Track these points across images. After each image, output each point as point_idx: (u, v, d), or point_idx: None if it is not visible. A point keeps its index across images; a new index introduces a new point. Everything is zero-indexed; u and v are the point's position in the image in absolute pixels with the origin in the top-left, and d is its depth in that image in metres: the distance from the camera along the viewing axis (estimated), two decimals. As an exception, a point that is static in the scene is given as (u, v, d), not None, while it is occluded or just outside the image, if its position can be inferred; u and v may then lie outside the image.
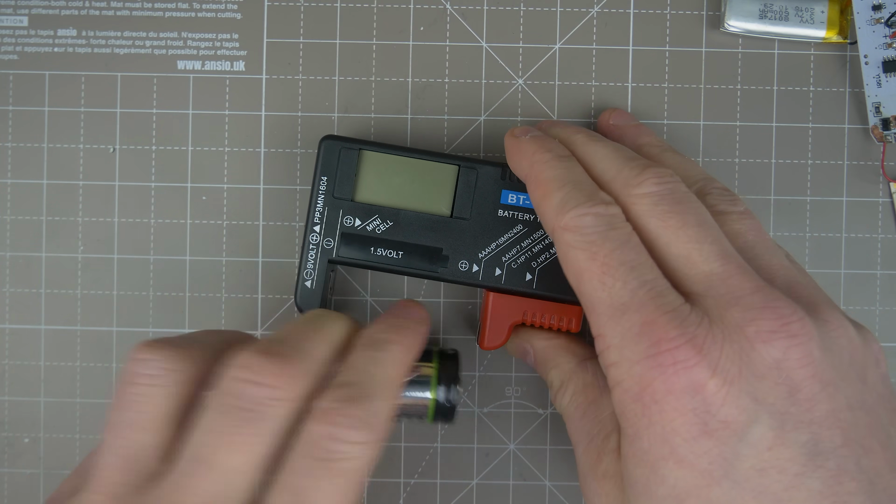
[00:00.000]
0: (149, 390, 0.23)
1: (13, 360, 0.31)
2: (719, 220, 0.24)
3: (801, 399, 0.21)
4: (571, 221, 0.23)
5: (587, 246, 0.23)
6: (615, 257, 0.22)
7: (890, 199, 0.31)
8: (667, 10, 0.31)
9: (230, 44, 0.31)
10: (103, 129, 0.31)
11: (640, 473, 0.22)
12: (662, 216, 0.23)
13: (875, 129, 0.30)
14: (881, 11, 0.30)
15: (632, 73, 0.31)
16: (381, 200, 0.28)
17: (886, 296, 0.31)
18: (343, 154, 0.28)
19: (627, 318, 0.22)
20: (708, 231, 0.23)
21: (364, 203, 0.28)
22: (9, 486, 0.31)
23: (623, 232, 0.23)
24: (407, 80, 0.31)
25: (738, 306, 0.21)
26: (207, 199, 0.31)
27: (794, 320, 0.21)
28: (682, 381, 0.21)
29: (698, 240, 0.22)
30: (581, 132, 0.27)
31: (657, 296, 0.22)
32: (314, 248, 0.28)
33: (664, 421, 0.21)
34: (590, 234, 0.23)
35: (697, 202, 0.23)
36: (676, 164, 0.27)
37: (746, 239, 0.24)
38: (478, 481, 0.31)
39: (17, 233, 0.31)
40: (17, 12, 0.31)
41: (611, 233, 0.23)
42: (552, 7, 0.31)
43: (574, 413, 0.26)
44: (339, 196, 0.28)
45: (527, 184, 0.26)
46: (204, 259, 0.31)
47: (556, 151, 0.26)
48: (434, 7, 0.31)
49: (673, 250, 0.23)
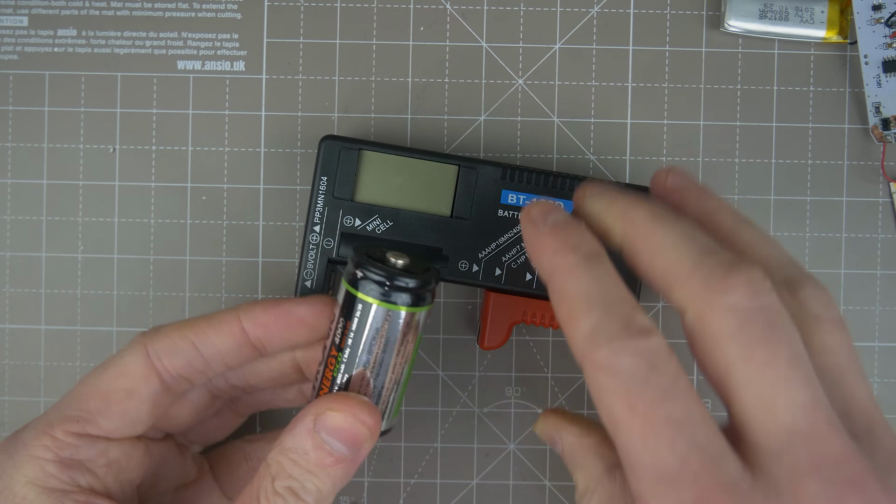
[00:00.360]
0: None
1: (13, 360, 0.31)
2: (808, 328, 0.20)
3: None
4: (604, 360, 0.19)
5: (624, 394, 0.19)
6: (660, 411, 0.18)
7: (890, 199, 0.31)
8: (667, 10, 0.31)
9: (230, 44, 0.31)
10: (103, 129, 0.31)
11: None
12: (748, 344, 0.19)
13: (875, 129, 0.30)
14: (881, 11, 0.30)
15: (632, 73, 0.31)
16: (381, 200, 0.28)
17: (886, 296, 0.31)
18: (343, 154, 0.28)
19: (676, 491, 0.18)
20: (800, 370, 0.19)
21: (364, 203, 0.28)
22: (9, 486, 0.31)
23: (668, 375, 0.19)
24: (407, 80, 0.31)
25: (818, 478, 0.18)
26: (207, 199, 0.31)
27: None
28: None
29: (787, 382, 0.19)
30: (642, 206, 0.22)
31: (713, 465, 0.18)
32: (314, 248, 0.28)
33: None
34: (627, 378, 0.19)
35: (792, 327, 0.19)
36: (757, 245, 0.22)
37: (836, 360, 0.20)
38: (478, 481, 0.31)
39: (17, 233, 0.31)
40: (17, 12, 0.31)
41: (654, 377, 0.19)
42: (552, 7, 0.31)
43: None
44: (339, 196, 0.28)
45: (548, 288, 0.21)
46: (204, 259, 0.31)
47: (584, 250, 0.21)
48: (434, 7, 0.31)
49: (751, 391, 0.19)
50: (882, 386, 0.31)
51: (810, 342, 0.20)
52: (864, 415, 0.20)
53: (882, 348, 0.31)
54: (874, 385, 0.31)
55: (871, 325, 0.31)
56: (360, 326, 0.24)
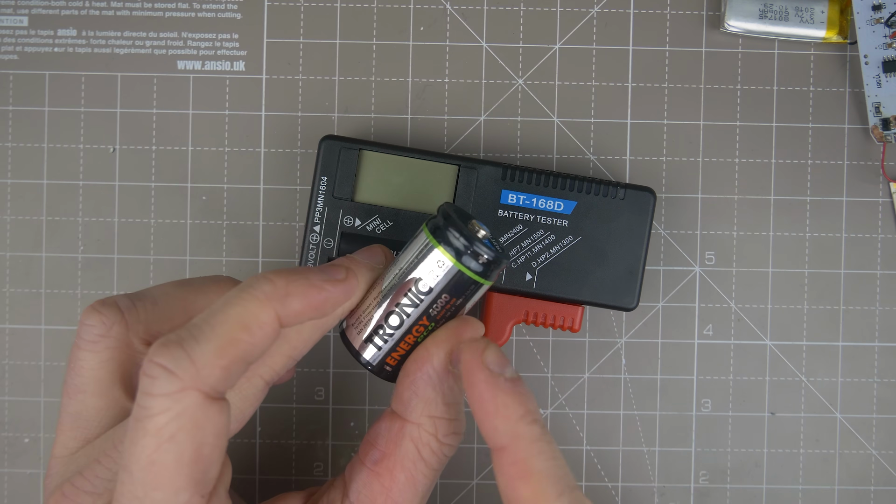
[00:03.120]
0: (86, 355, 0.23)
1: (13, 360, 0.31)
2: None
3: None
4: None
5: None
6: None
7: (890, 199, 0.31)
8: (667, 10, 0.31)
9: (230, 44, 0.31)
10: (103, 129, 0.31)
11: None
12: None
13: (875, 129, 0.30)
14: (881, 11, 0.30)
15: (632, 73, 0.31)
16: (381, 200, 0.28)
17: (886, 296, 0.31)
18: (343, 154, 0.28)
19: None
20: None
21: (364, 203, 0.28)
22: (9, 486, 0.31)
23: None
24: (407, 80, 0.31)
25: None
26: (207, 199, 0.31)
27: None
28: None
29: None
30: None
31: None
32: (314, 248, 0.28)
33: None
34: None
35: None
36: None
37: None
38: (478, 481, 0.31)
39: (17, 233, 0.31)
40: (17, 12, 0.31)
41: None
42: (552, 7, 0.31)
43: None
44: (339, 196, 0.28)
45: (501, 456, 0.21)
46: (204, 259, 0.31)
47: (540, 419, 0.22)
48: (434, 7, 0.31)
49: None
50: (882, 386, 0.31)
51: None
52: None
53: (882, 348, 0.31)
54: (874, 385, 0.31)
55: (871, 325, 0.31)
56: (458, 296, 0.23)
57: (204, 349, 0.19)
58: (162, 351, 0.19)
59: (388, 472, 0.23)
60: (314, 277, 0.22)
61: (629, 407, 0.31)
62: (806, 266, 0.31)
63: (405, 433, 0.23)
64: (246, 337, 0.20)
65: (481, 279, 0.23)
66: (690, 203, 0.31)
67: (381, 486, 0.23)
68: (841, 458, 0.31)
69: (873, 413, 0.31)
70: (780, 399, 0.31)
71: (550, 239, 0.28)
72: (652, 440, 0.31)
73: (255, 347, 0.20)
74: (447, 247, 0.23)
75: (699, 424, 0.31)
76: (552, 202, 0.28)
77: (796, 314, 0.31)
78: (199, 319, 0.20)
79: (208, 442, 0.20)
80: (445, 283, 0.23)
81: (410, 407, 0.23)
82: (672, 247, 0.31)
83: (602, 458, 0.31)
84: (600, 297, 0.28)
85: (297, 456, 0.31)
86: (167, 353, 0.19)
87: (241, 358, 0.20)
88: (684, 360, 0.31)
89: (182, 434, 0.19)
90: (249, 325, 0.20)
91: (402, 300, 0.23)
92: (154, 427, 0.19)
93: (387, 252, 0.25)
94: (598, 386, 0.31)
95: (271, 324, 0.21)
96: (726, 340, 0.31)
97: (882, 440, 0.31)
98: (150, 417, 0.19)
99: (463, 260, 0.23)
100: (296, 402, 0.31)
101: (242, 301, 0.20)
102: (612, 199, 0.28)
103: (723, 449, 0.31)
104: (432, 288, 0.23)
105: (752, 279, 0.31)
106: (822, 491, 0.31)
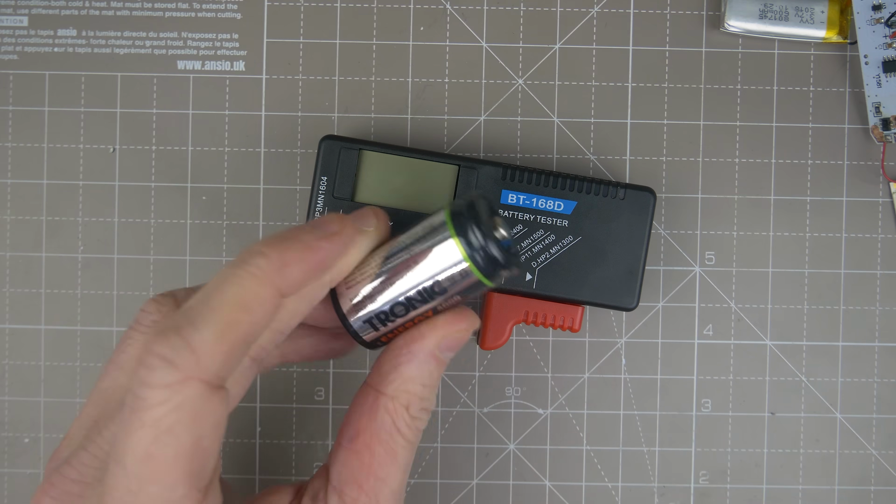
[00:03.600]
0: (135, 335, 0.23)
1: (13, 360, 0.31)
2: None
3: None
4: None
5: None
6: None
7: (890, 199, 0.31)
8: (667, 10, 0.31)
9: (230, 44, 0.31)
10: (103, 129, 0.31)
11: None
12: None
13: (875, 129, 0.30)
14: (881, 11, 0.30)
15: (632, 73, 0.31)
16: (380, 200, 0.28)
17: (886, 296, 0.31)
18: (343, 154, 0.28)
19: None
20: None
21: (364, 203, 0.28)
22: (9, 486, 0.31)
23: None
24: (407, 80, 0.31)
25: None
26: (207, 199, 0.31)
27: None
28: None
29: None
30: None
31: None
32: (314, 248, 0.28)
33: None
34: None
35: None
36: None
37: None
38: (478, 481, 0.31)
39: (17, 233, 0.31)
40: (17, 12, 0.31)
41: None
42: (552, 7, 0.31)
43: None
44: (339, 196, 0.28)
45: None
46: (204, 259, 0.31)
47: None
48: (434, 7, 0.31)
49: None
50: (882, 386, 0.31)
51: None
52: None
53: (882, 348, 0.31)
54: (874, 385, 0.31)
55: (872, 325, 0.31)
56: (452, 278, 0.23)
57: (203, 336, 0.19)
58: (159, 340, 0.19)
59: (366, 447, 0.23)
60: (307, 237, 0.21)
61: (629, 407, 0.31)
62: (806, 266, 0.31)
63: (379, 405, 0.23)
64: (246, 317, 0.19)
65: (489, 281, 0.23)
66: (690, 203, 0.31)
67: (361, 463, 0.23)
68: (841, 459, 0.31)
69: (873, 413, 0.31)
70: (780, 399, 0.31)
71: (550, 239, 0.28)
72: (652, 440, 0.31)
73: (257, 326, 0.20)
74: (463, 241, 0.22)
75: (699, 424, 0.31)
76: (552, 202, 0.28)
77: (796, 314, 0.31)
78: (194, 302, 0.20)
79: (207, 434, 0.19)
80: (454, 277, 0.23)
81: (388, 380, 0.23)
82: (672, 247, 0.31)
83: (602, 458, 0.31)
84: (600, 297, 0.28)
85: (297, 456, 0.31)
86: (165, 343, 0.19)
87: (243, 340, 0.20)
88: (684, 360, 0.31)
89: (180, 426, 0.19)
90: (249, 304, 0.20)
91: (409, 290, 0.23)
92: (151, 419, 0.18)
93: (378, 213, 0.24)
94: (598, 386, 0.31)
95: (271, 299, 0.20)
96: (726, 340, 0.31)
97: (882, 440, 0.31)
98: (147, 409, 0.19)
99: (475, 259, 0.22)
100: (296, 402, 0.31)
101: (238, 279, 0.20)
102: (612, 199, 0.28)
103: (723, 449, 0.31)
104: (440, 281, 0.23)
105: (752, 279, 0.31)
106: (822, 491, 0.31)
